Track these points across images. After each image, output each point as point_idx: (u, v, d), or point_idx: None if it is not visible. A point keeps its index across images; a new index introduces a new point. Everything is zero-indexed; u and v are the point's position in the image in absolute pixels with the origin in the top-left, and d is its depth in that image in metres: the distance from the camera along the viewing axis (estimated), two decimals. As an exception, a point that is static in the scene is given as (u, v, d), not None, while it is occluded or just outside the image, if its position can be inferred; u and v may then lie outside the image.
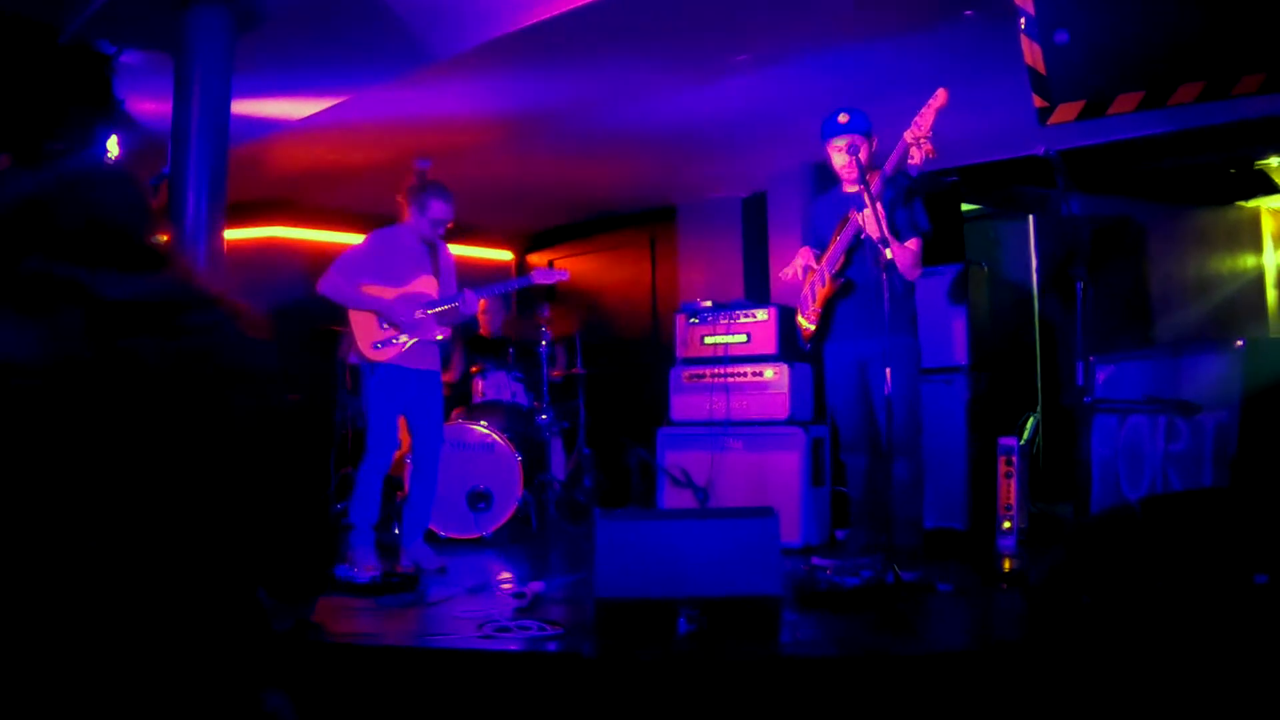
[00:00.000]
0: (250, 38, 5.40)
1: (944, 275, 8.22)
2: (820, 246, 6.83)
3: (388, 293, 7.11)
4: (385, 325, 7.09)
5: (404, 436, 7.60)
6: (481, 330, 10.57)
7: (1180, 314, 10.89)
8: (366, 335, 7.07)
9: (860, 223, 6.41)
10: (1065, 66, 5.56)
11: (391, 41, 7.11)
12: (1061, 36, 5.53)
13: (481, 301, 9.50)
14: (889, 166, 6.28)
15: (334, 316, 7.29)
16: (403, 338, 7.06)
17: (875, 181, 6.38)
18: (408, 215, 7.29)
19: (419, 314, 7.13)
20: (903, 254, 6.41)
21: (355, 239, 7.61)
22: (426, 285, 7.26)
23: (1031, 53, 5.64)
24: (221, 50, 5.08)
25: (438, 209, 7.27)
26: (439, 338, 7.28)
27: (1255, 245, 11.44)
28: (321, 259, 7.16)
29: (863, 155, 6.51)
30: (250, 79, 7.30)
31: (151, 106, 7.66)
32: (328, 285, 7.08)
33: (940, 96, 6.04)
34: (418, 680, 4.83)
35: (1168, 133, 8.52)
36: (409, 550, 7.18)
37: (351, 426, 9.50)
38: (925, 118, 6.08)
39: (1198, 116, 7.88)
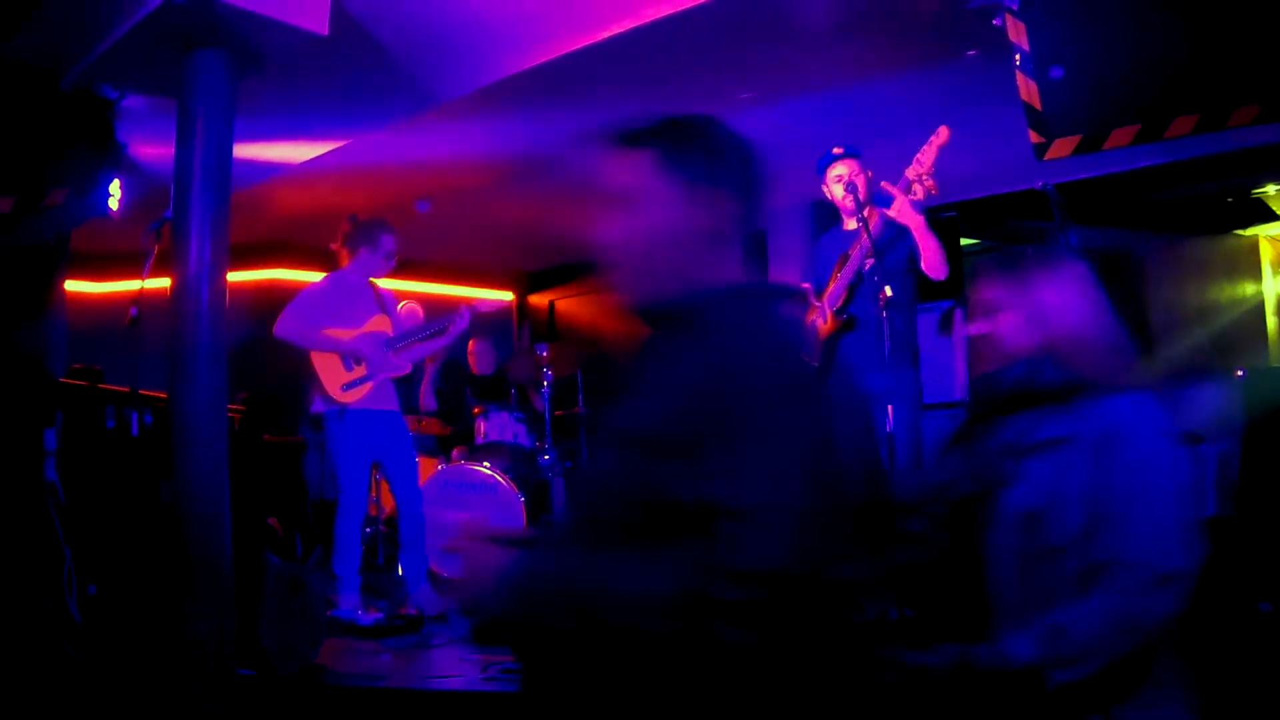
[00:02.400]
0: (252, 82, 5.43)
1: (943, 311, 8.23)
2: (820, 285, 6.84)
3: (345, 334, 7.12)
4: (352, 365, 7.07)
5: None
6: (472, 369, 10.56)
7: (1180, 344, 10.90)
8: (334, 378, 7.03)
9: (878, 228, 6.38)
10: (1061, 102, 5.58)
11: (393, 85, 7.15)
12: (1056, 72, 5.55)
13: (471, 342, 9.50)
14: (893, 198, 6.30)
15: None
16: (360, 374, 7.06)
17: (876, 218, 6.39)
18: (353, 259, 7.32)
19: (383, 351, 7.17)
20: (934, 254, 6.37)
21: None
22: (381, 324, 7.29)
23: (1027, 89, 5.66)
24: (224, 94, 5.09)
25: (389, 242, 7.32)
26: (405, 371, 7.32)
27: (1254, 273, 11.45)
28: (323, 300, 7.17)
29: (860, 185, 6.52)
30: (253, 122, 7.33)
31: (154, 150, 7.69)
32: (286, 329, 7.03)
33: (942, 134, 6.07)
34: (423, 722, 4.83)
35: (1165, 164, 8.54)
36: (413, 596, 7.15)
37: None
38: (927, 155, 6.10)
39: (1194, 147, 7.91)
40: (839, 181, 6.66)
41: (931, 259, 6.38)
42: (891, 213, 6.30)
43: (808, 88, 7.51)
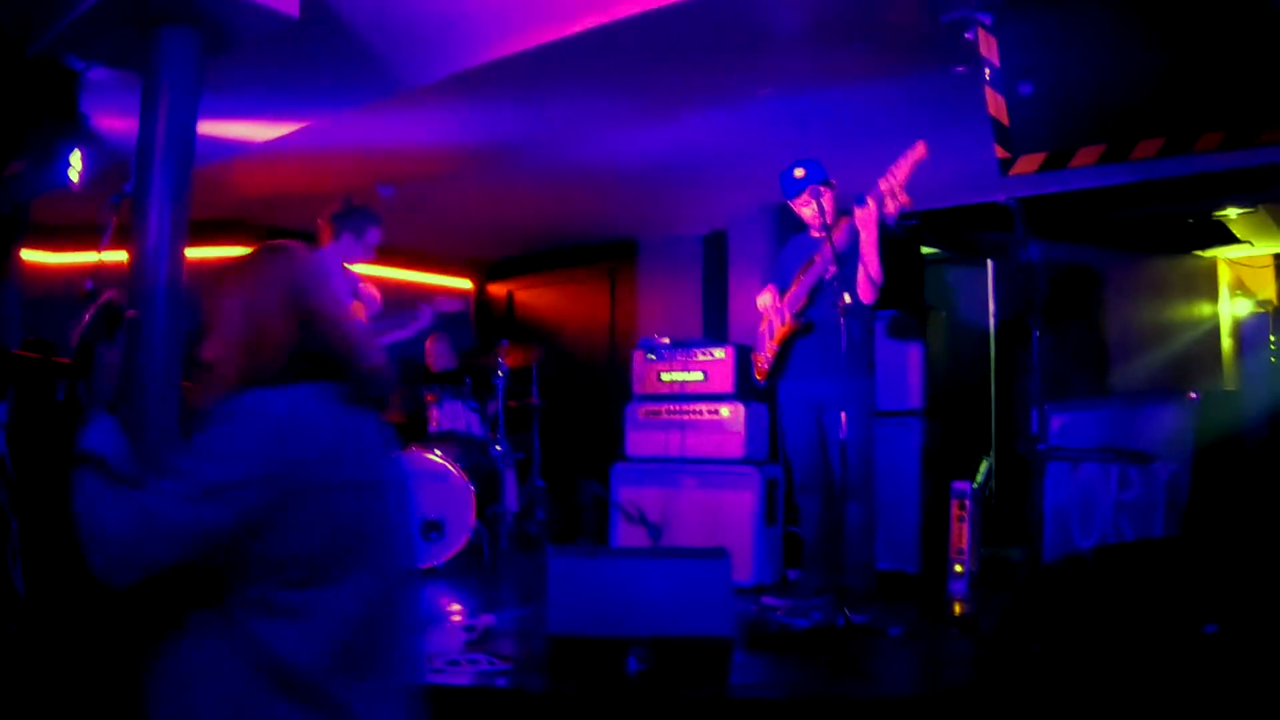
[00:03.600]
0: (219, 59, 5.40)
1: (901, 319, 8.24)
2: (784, 287, 6.85)
3: None
4: None
5: None
6: (430, 368, 10.52)
7: (1136, 362, 10.97)
8: None
9: (843, 237, 6.40)
10: (1028, 119, 5.60)
11: (360, 69, 7.11)
12: (1025, 89, 5.57)
13: (428, 340, 9.41)
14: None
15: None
16: None
17: (843, 229, 6.41)
18: (334, 241, 7.21)
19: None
20: (871, 277, 6.40)
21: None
22: (356, 311, 7.18)
23: (995, 103, 5.68)
24: (190, 71, 5.06)
25: (375, 235, 7.21)
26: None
27: (1212, 295, 11.53)
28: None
29: (826, 202, 6.54)
30: (217, 100, 7.28)
31: (117, 123, 7.63)
32: None
33: (919, 149, 6.05)
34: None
35: (1128, 183, 8.58)
36: None
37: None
38: (901, 169, 6.08)
39: (1158, 168, 7.95)
40: (804, 206, 6.66)
41: (867, 274, 6.41)
42: (857, 216, 6.32)
43: (774, 94, 7.51)
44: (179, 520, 2.44)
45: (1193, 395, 6.33)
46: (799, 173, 6.66)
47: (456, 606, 7.03)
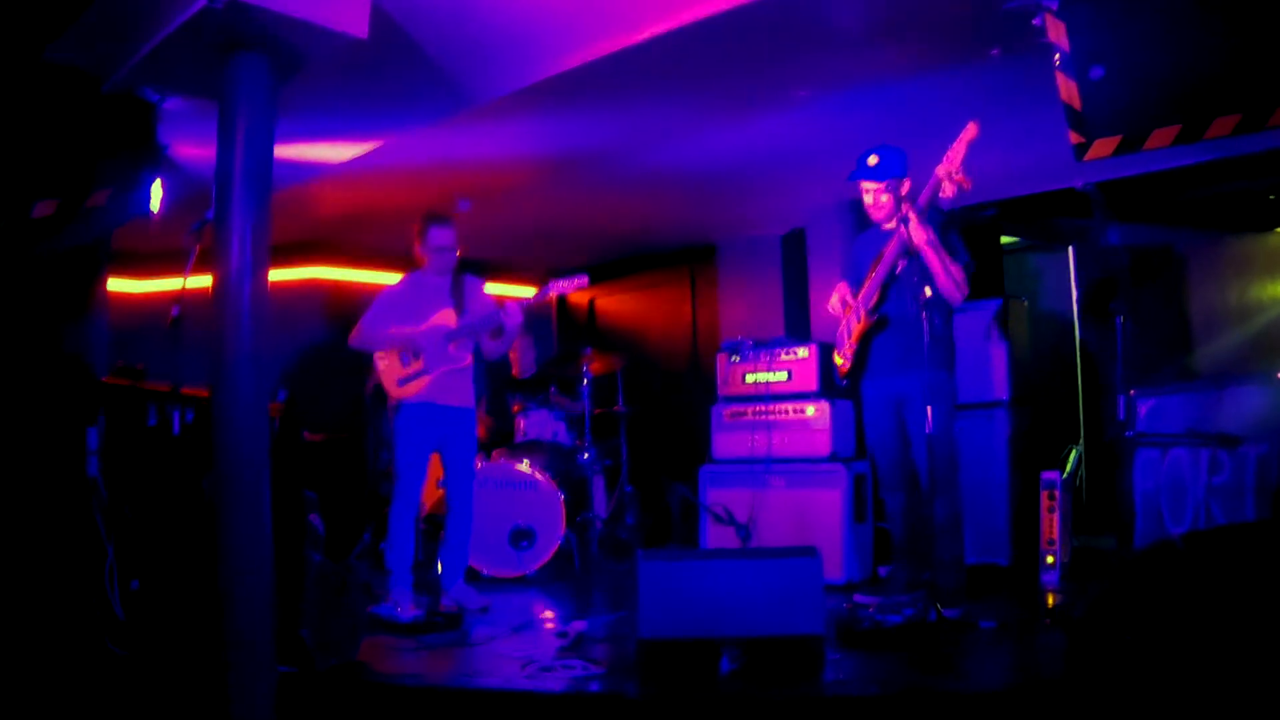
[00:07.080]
0: (292, 84, 5.45)
1: (984, 309, 8.19)
2: (857, 283, 6.83)
3: (409, 331, 7.18)
4: (409, 360, 7.11)
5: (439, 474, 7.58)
6: (514, 371, 10.57)
7: (1221, 342, 10.83)
8: (391, 374, 7.12)
9: (906, 236, 6.37)
10: (1101, 102, 5.55)
11: (433, 86, 7.16)
12: (1096, 72, 5.52)
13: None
14: (921, 199, 6.26)
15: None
16: (416, 368, 7.10)
17: (914, 221, 6.40)
18: (419, 256, 7.43)
19: (441, 344, 7.17)
20: (949, 276, 6.34)
21: (395, 278, 7.66)
22: (445, 318, 7.26)
23: (1067, 89, 5.63)
24: (264, 97, 5.11)
25: (436, 235, 7.31)
26: (464, 364, 7.29)
27: (1297, 272, 11.35)
28: (363, 298, 7.23)
29: (889, 198, 6.52)
30: (293, 123, 7.36)
31: (196, 151, 7.75)
32: (355, 338, 7.20)
33: (970, 130, 6.03)
34: (461, 720, 4.84)
35: (1206, 161, 8.48)
36: (450, 592, 7.18)
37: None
38: (957, 151, 6.07)
39: (1236, 146, 7.84)
40: (867, 193, 6.67)
41: (940, 281, 6.34)
42: (911, 234, 6.29)
43: (848, 88, 7.49)
44: None
45: (1280, 374, 6.26)
46: (872, 160, 6.63)
47: (549, 613, 7.07)
